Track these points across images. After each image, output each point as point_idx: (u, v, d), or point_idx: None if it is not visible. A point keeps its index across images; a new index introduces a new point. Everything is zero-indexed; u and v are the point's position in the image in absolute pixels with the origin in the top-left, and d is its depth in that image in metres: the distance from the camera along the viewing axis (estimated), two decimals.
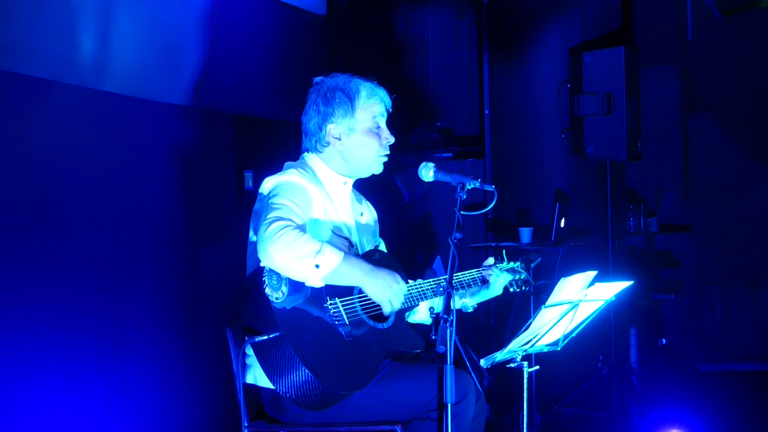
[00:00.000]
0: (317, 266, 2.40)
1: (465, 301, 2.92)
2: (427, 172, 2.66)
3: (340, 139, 2.75)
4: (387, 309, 2.58)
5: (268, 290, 2.41)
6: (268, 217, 2.44)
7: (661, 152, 4.95)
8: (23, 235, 3.15)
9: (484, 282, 2.92)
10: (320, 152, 2.78)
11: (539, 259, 3.25)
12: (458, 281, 2.88)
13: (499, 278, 2.94)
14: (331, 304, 2.51)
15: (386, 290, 2.54)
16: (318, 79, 2.82)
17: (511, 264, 3.04)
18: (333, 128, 2.75)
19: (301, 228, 2.47)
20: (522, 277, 3.06)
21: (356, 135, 2.75)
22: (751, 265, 4.63)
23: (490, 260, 3.00)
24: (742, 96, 4.66)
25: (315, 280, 2.43)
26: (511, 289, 3.03)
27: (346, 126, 2.74)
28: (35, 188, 3.21)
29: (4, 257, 3.07)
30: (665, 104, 4.96)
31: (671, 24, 4.98)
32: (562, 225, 4.87)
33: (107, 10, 3.53)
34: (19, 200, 3.14)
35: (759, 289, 4.55)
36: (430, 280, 2.77)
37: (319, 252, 2.40)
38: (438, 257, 4.41)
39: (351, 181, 2.84)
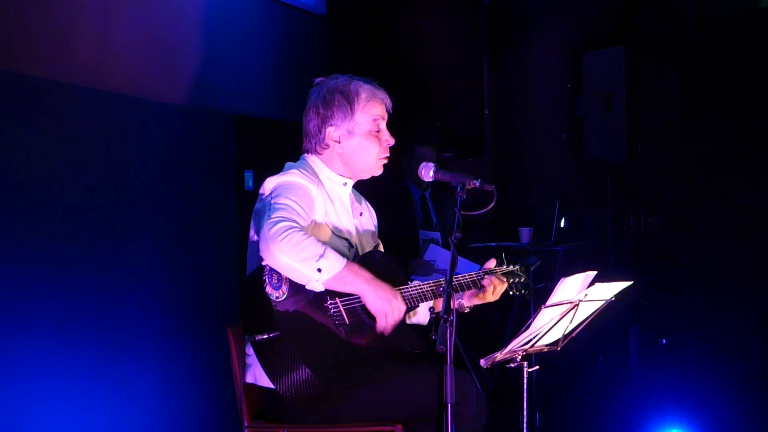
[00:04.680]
0: (319, 270, 2.40)
1: (461, 302, 2.91)
2: (428, 172, 2.65)
3: (339, 142, 2.74)
4: (382, 323, 2.55)
5: (268, 289, 2.41)
6: (272, 216, 2.44)
7: (661, 152, 4.95)
8: (23, 234, 3.15)
9: (482, 287, 2.90)
10: (320, 154, 2.77)
11: (538, 263, 3.25)
12: (457, 282, 2.87)
13: (497, 286, 2.91)
14: (331, 304, 2.51)
15: (385, 303, 2.53)
16: (318, 79, 2.82)
17: (511, 267, 3.03)
18: (332, 131, 2.74)
19: (304, 229, 2.47)
20: (521, 280, 3.06)
21: (356, 138, 2.74)
22: (751, 265, 4.63)
23: (492, 263, 2.98)
24: (742, 96, 4.65)
25: (316, 283, 2.42)
26: (510, 293, 3.03)
27: (346, 129, 2.73)
28: (35, 188, 3.21)
29: (4, 257, 3.07)
30: (665, 104, 4.96)
31: (671, 24, 4.97)
32: (562, 225, 4.87)
33: (107, 10, 3.53)
34: (19, 200, 3.14)
35: (759, 289, 4.55)
36: (430, 281, 2.77)
37: (322, 256, 2.40)
38: (431, 245, 4.39)
39: (351, 182, 2.84)
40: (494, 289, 2.89)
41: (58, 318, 3.28)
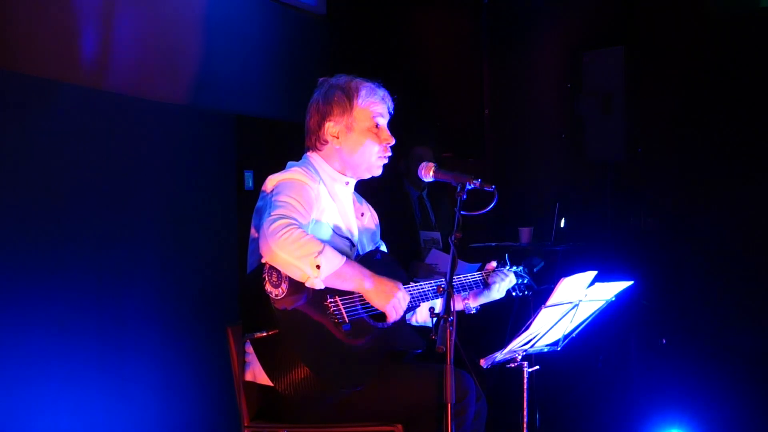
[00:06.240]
0: (318, 267, 2.40)
1: (467, 302, 2.93)
2: (428, 172, 2.65)
3: (338, 138, 2.75)
4: (392, 316, 2.57)
5: (268, 287, 2.41)
6: (272, 214, 2.44)
7: (661, 152, 4.95)
8: (23, 234, 3.15)
9: (487, 285, 2.92)
10: (320, 150, 2.78)
11: (542, 264, 3.24)
12: (461, 283, 2.88)
13: (502, 283, 2.94)
14: (331, 302, 2.51)
15: (389, 297, 2.54)
16: (322, 79, 2.83)
17: (514, 268, 3.04)
18: (331, 126, 2.75)
19: (304, 227, 2.47)
20: (525, 281, 3.07)
21: (354, 134, 2.74)
22: (751, 265, 4.63)
23: (493, 264, 3.00)
24: (742, 96, 4.65)
25: (315, 281, 2.42)
26: (514, 293, 3.04)
27: (344, 124, 2.74)
28: (35, 188, 3.21)
29: (5, 257, 3.07)
30: (665, 104, 4.96)
31: (671, 24, 4.97)
32: (562, 225, 4.87)
33: (108, 10, 3.53)
34: (20, 200, 3.14)
35: (759, 289, 4.55)
36: (432, 281, 2.77)
37: (321, 253, 2.40)
38: (433, 249, 4.40)
39: (353, 182, 2.84)
40: (499, 287, 2.92)
41: (58, 318, 3.27)
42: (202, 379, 3.98)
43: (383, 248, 2.94)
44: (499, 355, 2.64)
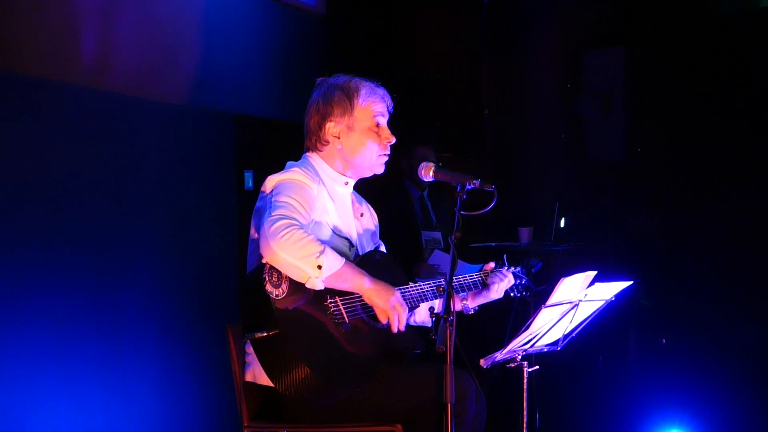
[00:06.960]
0: (319, 267, 2.40)
1: (466, 303, 2.93)
2: (428, 172, 2.65)
3: (339, 138, 2.75)
4: (383, 319, 2.57)
5: (268, 287, 2.41)
6: (272, 214, 2.44)
7: (661, 152, 4.95)
8: (24, 234, 3.15)
9: (485, 286, 2.92)
10: (321, 151, 2.78)
11: (540, 265, 3.25)
12: (460, 283, 2.88)
13: (500, 283, 2.94)
14: (331, 302, 2.52)
15: (387, 298, 2.55)
16: (320, 79, 2.83)
17: (512, 269, 3.05)
18: (332, 126, 2.75)
19: (305, 227, 2.47)
20: (523, 282, 3.07)
21: (355, 134, 2.75)
22: (751, 265, 4.63)
23: (491, 264, 3.00)
24: (742, 95, 4.66)
25: (315, 281, 2.43)
26: (512, 294, 3.04)
27: (345, 124, 2.74)
28: (35, 188, 3.21)
29: (5, 257, 3.07)
30: (665, 104, 4.96)
31: (671, 24, 4.97)
32: (562, 225, 4.87)
33: (108, 10, 3.53)
34: (20, 200, 3.14)
35: (759, 289, 4.55)
36: (431, 281, 2.77)
37: (322, 253, 2.40)
38: (436, 250, 4.41)
39: (353, 182, 2.85)
40: (498, 288, 2.92)
41: (57, 318, 3.27)
42: (202, 379, 3.98)
43: (382, 248, 2.94)
44: (499, 355, 2.64)
